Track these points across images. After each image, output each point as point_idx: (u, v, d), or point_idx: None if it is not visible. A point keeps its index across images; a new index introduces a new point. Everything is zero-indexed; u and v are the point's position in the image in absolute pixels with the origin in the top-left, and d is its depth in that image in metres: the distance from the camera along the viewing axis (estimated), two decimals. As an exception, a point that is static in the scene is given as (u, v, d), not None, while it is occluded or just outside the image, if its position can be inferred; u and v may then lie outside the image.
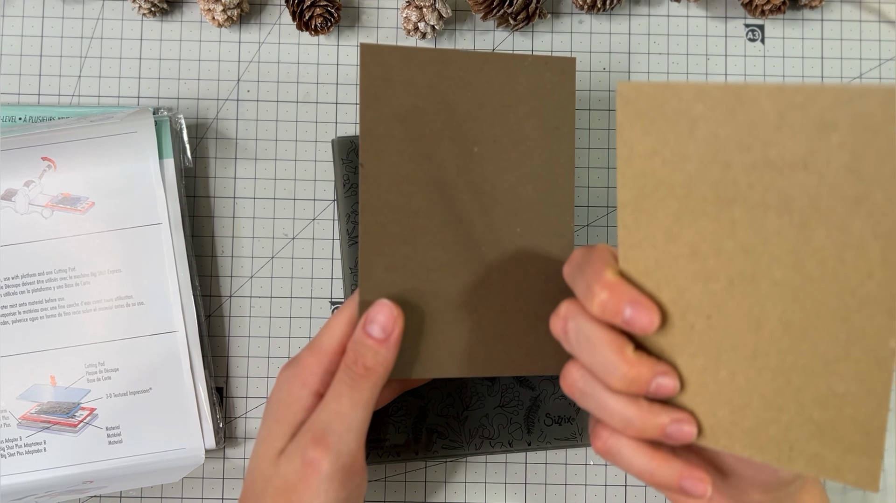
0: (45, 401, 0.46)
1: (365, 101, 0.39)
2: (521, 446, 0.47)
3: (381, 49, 0.39)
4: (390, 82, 0.39)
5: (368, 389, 0.37)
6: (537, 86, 0.41)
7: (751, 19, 0.51)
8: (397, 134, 0.39)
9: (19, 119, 0.49)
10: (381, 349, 0.37)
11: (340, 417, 0.37)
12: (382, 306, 0.38)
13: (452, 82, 0.40)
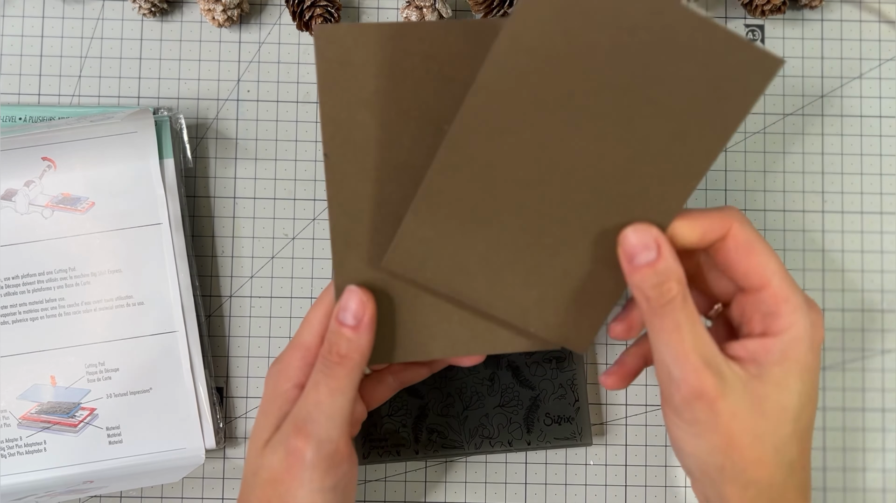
0: (45, 401, 0.46)
1: (323, 87, 0.37)
2: (521, 445, 0.47)
3: (336, 29, 0.36)
4: (349, 64, 0.37)
5: (345, 376, 0.37)
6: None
7: (751, 19, 0.51)
8: (361, 119, 0.37)
9: (19, 119, 0.49)
10: (354, 335, 0.37)
11: (319, 406, 0.37)
12: (351, 293, 0.38)
13: (417, 58, 0.37)
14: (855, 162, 0.50)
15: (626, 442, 0.49)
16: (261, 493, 0.38)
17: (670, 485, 0.49)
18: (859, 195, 0.50)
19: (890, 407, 0.49)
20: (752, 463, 0.35)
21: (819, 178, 0.50)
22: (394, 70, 0.37)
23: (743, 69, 0.34)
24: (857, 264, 0.50)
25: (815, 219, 0.50)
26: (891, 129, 0.50)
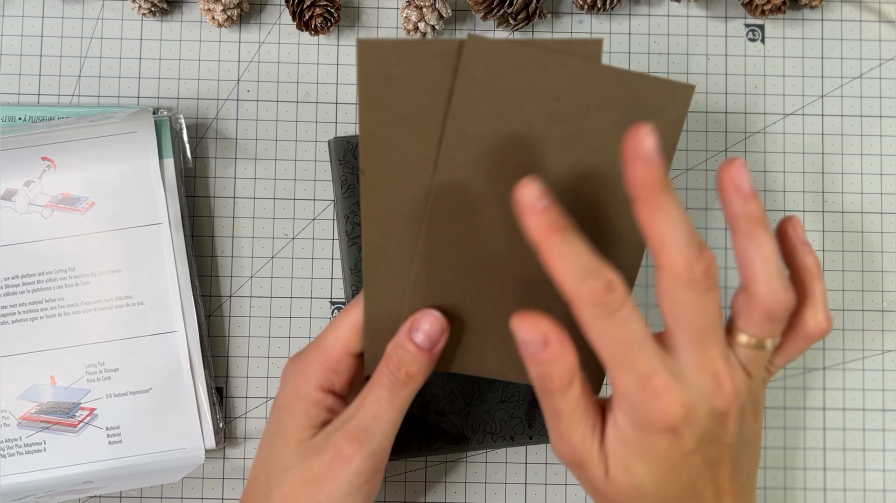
0: (44, 401, 0.46)
1: (364, 102, 0.36)
2: (523, 440, 0.47)
3: (381, 44, 0.35)
4: (391, 80, 0.36)
5: (408, 396, 0.39)
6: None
7: (751, 19, 0.51)
8: (401, 137, 0.36)
9: (19, 119, 0.49)
10: (425, 359, 0.38)
11: (378, 420, 0.38)
12: (432, 317, 0.38)
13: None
14: (855, 162, 0.50)
15: (627, 442, 0.49)
16: (288, 490, 0.39)
17: (670, 486, 0.49)
18: (859, 195, 0.50)
19: (890, 407, 0.49)
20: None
21: (819, 178, 0.50)
22: (438, 88, 0.36)
23: (661, 102, 0.37)
24: (857, 264, 0.50)
25: (816, 219, 0.50)
26: (891, 128, 0.50)
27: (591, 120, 0.36)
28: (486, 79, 0.36)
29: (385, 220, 0.38)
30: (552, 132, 0.36)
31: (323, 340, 0.40)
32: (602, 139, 0.37)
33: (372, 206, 0.37)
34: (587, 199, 0.38)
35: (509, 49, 0.35)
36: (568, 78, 0.36)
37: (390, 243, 0.38)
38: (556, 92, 0.36)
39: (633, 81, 0.36)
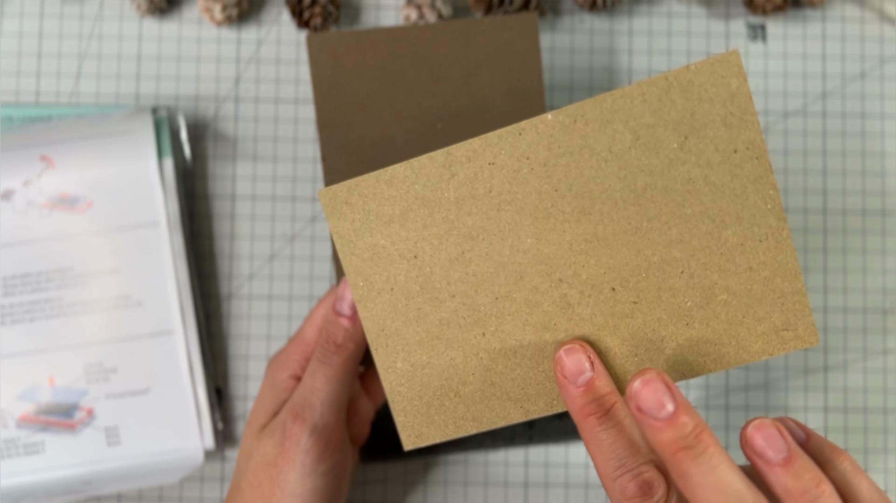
0: (43, 402, 0.46)
1: (318, 93, 0.38)
2: (523, 440, 0.47)
3: (328, 37, 0.38)
4: (342, 69, 0.38)
5: (341, 365, 0.39)
6: (498, 50, 0.39)
7: (752, 18, 0.51)
8: (356, 121, 0.39)
9: (17, 118, 0.49)
10: (350, 325, 0.39)
11: (315, 392, 0.39)
12: (347, 285, 0.39)
13: (407, 60, 0.39)
14: (857, 161, 0.50)
15: (627, 442, 0.49)
16: (252, 477, 0.39)
17: (671, 486, 0.49)
18: (861, 194, 0.50)
19: (892, 407, 0.49)
20: None
21: (821, 176, 0.50)
22: (385, 73, 0.39)
23: (513, 39, 0.40)
24: (859, 264, 0.50)
25: (817, 218, 0.50)
26: (893, 127, 0.50)
27: (467, 76, 0.38)
28: (346, 64, 0.39)
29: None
30: (438, 95, 0.39)
31: (300, 332, 0.42)
32: (486, 85, 0.39)
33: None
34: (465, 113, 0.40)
35: (347, 36, 0.38)
36: (427, 50, 0.39)
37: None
38: (414, 61, 0.39)
39: (472, 29, 0.39)
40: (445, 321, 0.32)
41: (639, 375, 0.29)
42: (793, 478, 0.29)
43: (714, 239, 0.31)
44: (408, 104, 0.39)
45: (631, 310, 0.32)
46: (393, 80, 0.39)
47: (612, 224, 0.31)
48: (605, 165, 0.31)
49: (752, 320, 0.32)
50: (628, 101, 0.30)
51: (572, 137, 0.31)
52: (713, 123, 0.30)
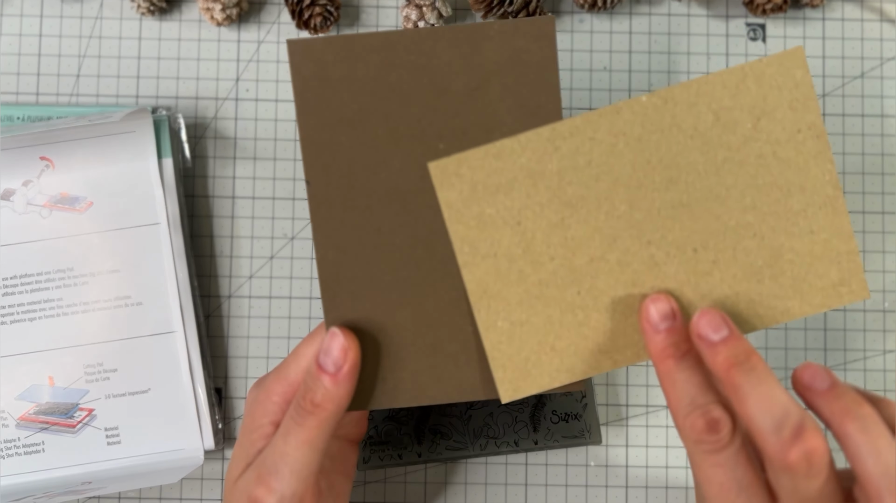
0: (43, 402, 0.46)
1: (301, 106, 0.34)
2: (528, 445, 0.46)
3: (312, 43, 0.34)
4: (328, 80, 0.34)
5: (316, 428, 0.35)
6: (509, 59, 0.35)
7: (752, 18, 0.51)
8: (345, 140, 0.35)
9: (17, 118, 0.49)
10: (331, 385, 0.35)
11: (285, 457, 0.35)
12: (334, 337, 0.35)
13: (404, 70, 0.35)
14: (857, 161, 0.50)
15: (627, 443, 0.49)
16: None
17: (671, 486, 0.49)
18: (861, 195, 0.50)
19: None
20: None
21: (821, 177, 0.50)
22: (379, 85, 0.35)
23: (528, 42, 0.36)
24: (858, 264, 0.50)
25: (817, 218, 0.50)
26: (892, 128, 0.50)
27: (474, 88, 0.36)
28: (339, 73, 0.35)
29: (339, 236, 0.35)
30: (440, 111, 0.36)
31: (285, 369, 0.38)
32: (492, 98, 0.36)
33: (322, 222, 0.35)
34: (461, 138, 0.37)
35: (334, 41, 0.35)
36: (419, 56, 0.35)
37: (347, 260, 0.36)
38: (413, 71, 0.36)
39: (480, 33, 0.35)
40: (544, 282, 0.35)
41: (701, 311, 0.33)
42: (836, 399, 0.32)
43: (781, 206, 0.35)
44: (405, 121, 0.35)
45: (710, 269, 0.35)
46: (388, 94, 0.35)
47: (696, 192, 0.35)
48: (690, 141, 0.35)
49: (813, 276, 0.36)
50: (711, 86, 0.35)
51: (663, 117, 0.34)
52: (781, 107, 0.35)
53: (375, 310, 0.36)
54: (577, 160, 0.34)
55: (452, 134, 0.35)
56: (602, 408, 0.49)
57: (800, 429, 0.30)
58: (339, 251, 0.36)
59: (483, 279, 0.35)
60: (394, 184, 0.35)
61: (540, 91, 0.36)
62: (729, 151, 0.35)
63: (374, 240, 0.36)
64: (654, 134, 0.35)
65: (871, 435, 0.31)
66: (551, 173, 0.34)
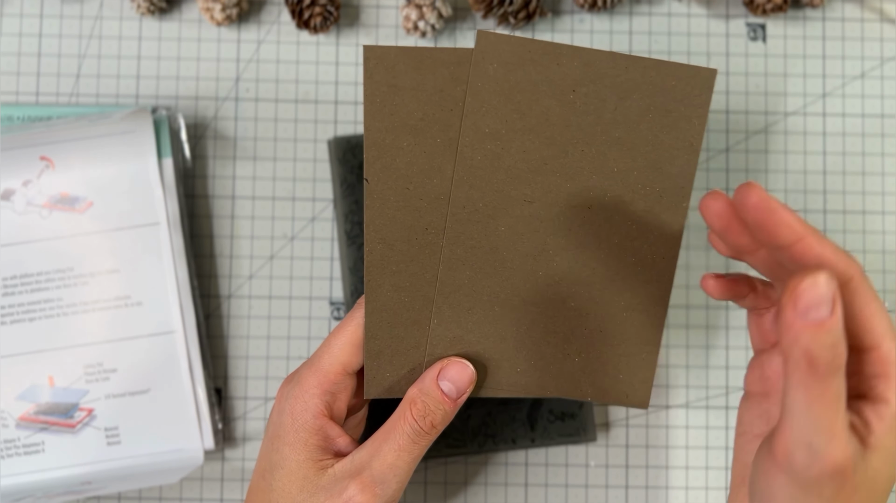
0: (43, 402, 0.46)
1: (370, 110, 0.36)
2: (525, 443, 0.47)
3: (387, 51, 0.35)
4: (398, 88, 0.36)
5: (426, 445, 0.38)
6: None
7: (752, 18, 0.51)
8: (406, 145, 0.36)
9: (17, 118, 0.49)
10: (452, 409, 0.38)
11: (395, 469, 0.37)
12: (462, 367, 0.38)
13: (467, 85, 0.36)
14: (857, 161, 0.50)
15: (628, 443, 0.49)
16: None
17: (672, 487, 0.49)
18: (861, 195, 0.50)
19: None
20: None
21: (821, 177, 0.50)
22: (444, 97, 0.36)
23: (683, 88, 0.36)
24: (859, 264, 0.50)
25: (818, 218, 0.50)
26: (893, 128, 0.50)
27: (612, 111, 0.36)
28: (499, 74, 0.35)
29: (389, 231, 0.37)
30: (571, 125, 0.36)
31: (318, 360, 0.39)
32: (625, 130, 0.36)
33: (375, 216, 0.37)
34: (613, 193, 0.37)
35: (519, 42, 0.35)
36: (583, 69, 0.36)
37: (394, 254, 0.37)
38: (572, 83, 0.36)
39: (653, 68, 0.36)
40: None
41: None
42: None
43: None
44: (461, 132, 0.37)
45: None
46: (451, 106, 0.36)
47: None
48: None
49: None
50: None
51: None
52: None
53: (413, 301, 0.38)
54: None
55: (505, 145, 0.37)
56: (602, 408, 0.49)
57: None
58: (386, 245, 0.37)
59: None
60: (445, 189, 0.37)
61: (675, 141, 0.36)
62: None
63: (421, 238, 0.37)
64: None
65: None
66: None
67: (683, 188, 0.37)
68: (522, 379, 0.39)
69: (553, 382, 0.39)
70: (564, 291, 0.38)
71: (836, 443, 0.30)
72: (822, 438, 0.30)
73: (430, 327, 0.38)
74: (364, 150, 0.36)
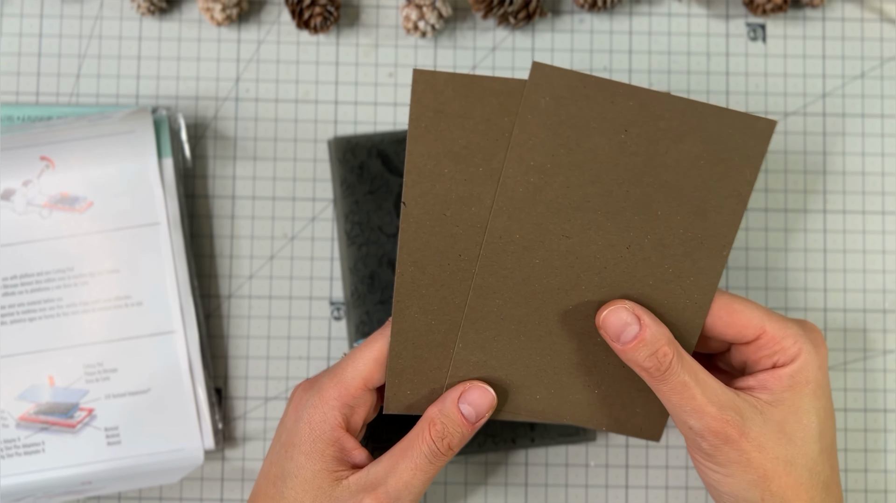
0: (43, 402, 0.46)
1: (414, 134, 0.35)
2: (525, 442, 0.47)
3: (437, 76, 0.34)
4: (444, 114, 0.35)
5: (441, 466, 0.38)
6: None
7: (752, 18, 0.51)
8: (447, 172, 0.36)
9: (18, 118, 0.49)
10: (469, 432, 0.38)
11: (410, 488, 0.37)
12: (483, 391, 0.38)
13: (516, 117, 0.35)
14: (857, 161, 0.50)
15: (628, 443, 0.49)
16: None
17: (672, 487, 0.49)
18: (861, 195, 0.50)
19: (892, 408, 0.49)
20: (790, 488, 0.36)
21: (821, 177, 0.50)
22: (490, 127, 0.35)
23: (740, 137, 0.35)
24: (858, 264, 0.50)
25: (817, 218, 0.50)
26: (892, 128, 0.50)
27: (663, 153, 0.35)
28: (551, 107, 0.35)
29: (421, 255, 0.37)
30: (619, 165, 0.36)
31: (342, 372, 0.39)
32: (673, 174, 0.36)
33: (409, 240, 0.37)
34: (653, 235, 0.37)
35: (575, 77, 0.34)
36: (638, 109, 0.35)
37: (424, 278, 0.37)
38: (625, 123, 0.35)
39: (711, 114, 0.35)
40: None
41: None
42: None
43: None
44: (505, 163, 0.36)
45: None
46: (496, 136, 0.35)
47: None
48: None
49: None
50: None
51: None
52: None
53: (440, 324, 0.38)
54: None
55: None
56: (602, 408, 0.49)
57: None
58: (418, 268, 0.37)
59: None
60: (482, 218, 0.36)
61: (723, 189, 0.36)
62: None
63: (453, 264, 0.37)
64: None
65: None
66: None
67: (726, 236, 0.37)
68: (540, 405, 0.40)
69: (570, 411, 0.40)
70: (592, 327, 0.38)
71: (707, 417, 0.36)
72: (693, 418, 0.36)
73: (454, 350, 0.38)
74: (404, 173, 0.36)
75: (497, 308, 0.38)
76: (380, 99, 0.50)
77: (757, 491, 0.36)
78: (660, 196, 0.36)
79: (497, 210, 0.36)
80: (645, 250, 0.37)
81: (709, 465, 0.37)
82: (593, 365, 0.39)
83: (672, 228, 0.37)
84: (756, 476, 0.36)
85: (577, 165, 0.36)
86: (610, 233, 0.37)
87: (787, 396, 0.37)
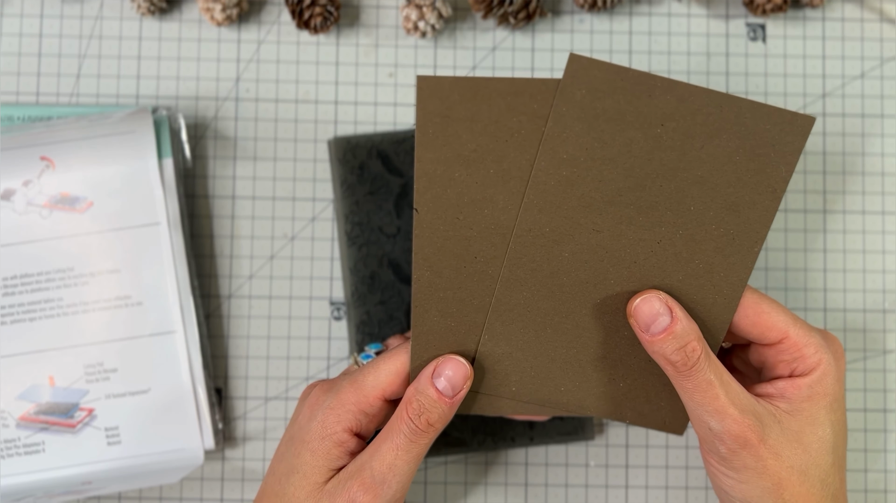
0: (43, 402, 0.46)
1: (422, 140, 0.35)
2: (524, 441, 0.47)
3: (441, 82, 0.34)
4: (451, 119, 0.35)
5: (426, 444, 0.38)
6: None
7: (752, 18, 0.51)
8: (458, 176, 0.36)
9: (18, 118, 0.49)
10: (448, 408, 0.38)
11: (394, 469, 0.37)
12: (455, 362, 0.38)
13: (525, 117, 0.35)
14: (857, 161, 0.50)
15: (627, 443, 0.49)
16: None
17: (671, 487, 0.49)
18: (861, 195, 0.50)
19: (892, 408, 0.49)
20: (802, 498, 0.36)
21: (821, 177, 0.50)
22: (499, 128, 0.35)
23: (777, 133, 0.35)
24: (858, 264, 0.50)
25: (817, 218, 0.50)
26: (892, 128, 0.50)
27: (698, 149, 0.35)
28: (586, 100, 0.34)
29: (437, 259, 0.37)
30: (653, 159, 0.35)
31: (362, 379, 0.39)
32: (708, 169, 0.36)
33: (424, 245, 0.37)
34: (685, 231, 0.37)
35: (612, 69, 0.34)
36: (675, 103, 0.35)
37: (441, 282, 0.37)
38: (661, 117, 0.35)
39: (748, 109, 0.35)
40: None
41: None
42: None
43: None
44: (516, 164, 0.35)
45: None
46: (505, 137, 0.35)
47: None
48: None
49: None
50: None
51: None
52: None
53: (459, 326, 0.38)
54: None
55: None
56: (602, 408, 0.49)
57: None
58: (434, 273, 0.37)
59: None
60: (497, 220, 0.36)
61: (758, 185, 0.36)
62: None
63: (469, 267, 0.37)
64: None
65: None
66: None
67: (759, 233, 0.36)
68: (564, 397, 0.40)
69: (594, 403, 0.40)
70: (619, 321, 0.38)
71: (728, 419, 0.35)
72: (714, 419, 0.36)
73: (476, 349, 0.38)
74: (414, 179, 0.36)
75: (524, 300, 0.38)
76: (380, 99, 0.50)
77: (770, 498, 0.36)
78: (693, 191, 0.36)
79: (527, 203, 0.36)
80: (676, 245, 0.36)
81: (722, 470, 0.37)
82: (619, 359, 0.39)
83: (704, 224, 0.36)
84: (770, 483, 0.36)
85: (610, 159, 0.35)
86: (641, 227, 0.36)
87: (805, 406, 0.37)
